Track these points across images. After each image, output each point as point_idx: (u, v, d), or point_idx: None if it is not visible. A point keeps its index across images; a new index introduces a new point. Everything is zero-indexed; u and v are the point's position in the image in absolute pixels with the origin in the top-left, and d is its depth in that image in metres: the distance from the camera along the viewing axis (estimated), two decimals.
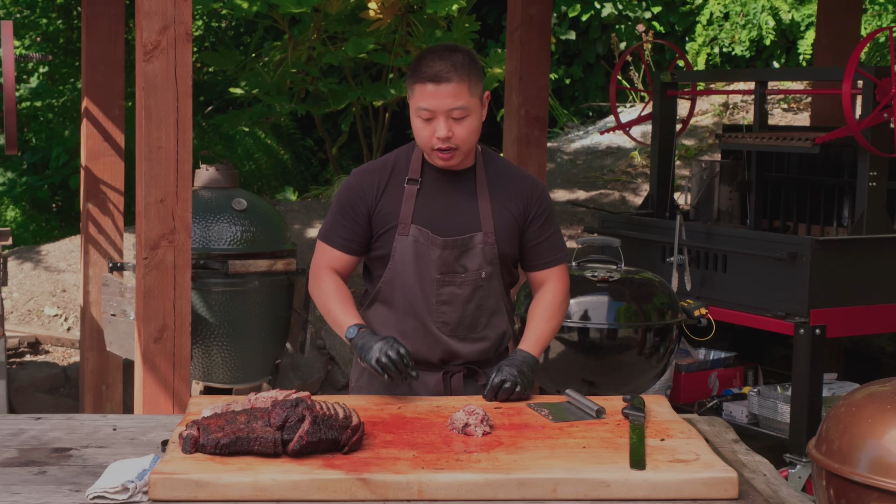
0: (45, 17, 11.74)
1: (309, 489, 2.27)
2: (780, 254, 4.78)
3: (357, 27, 9.10)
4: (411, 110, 2.97)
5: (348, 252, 3.05)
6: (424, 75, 2.91)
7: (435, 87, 2.89)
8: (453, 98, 2.89)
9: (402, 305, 3.02)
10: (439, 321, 3.01)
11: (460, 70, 2.90)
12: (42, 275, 7.49)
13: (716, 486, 2.33)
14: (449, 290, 3.00)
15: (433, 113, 2.91)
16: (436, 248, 2.97)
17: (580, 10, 10.91)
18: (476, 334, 3.04)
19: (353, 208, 3.03)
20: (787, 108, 9.88)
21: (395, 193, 3.01)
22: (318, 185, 10.33)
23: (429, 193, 3.01)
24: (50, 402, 6.33)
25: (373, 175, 3.05)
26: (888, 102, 4.74)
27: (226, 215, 5.28)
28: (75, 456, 2.56)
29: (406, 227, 2.98)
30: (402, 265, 3.00)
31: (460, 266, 2.99)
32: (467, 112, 2.92)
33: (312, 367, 6.77)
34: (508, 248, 3.04)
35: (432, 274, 2.98)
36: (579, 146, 10.06)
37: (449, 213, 3.00)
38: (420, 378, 3.02)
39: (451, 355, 3.05)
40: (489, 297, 3.04)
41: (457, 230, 2.99)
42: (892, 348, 6.13)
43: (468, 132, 2.93)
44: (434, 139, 2.92)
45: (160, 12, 3.83)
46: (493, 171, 3.07)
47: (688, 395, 5.34)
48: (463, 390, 3.05)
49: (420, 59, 2.95)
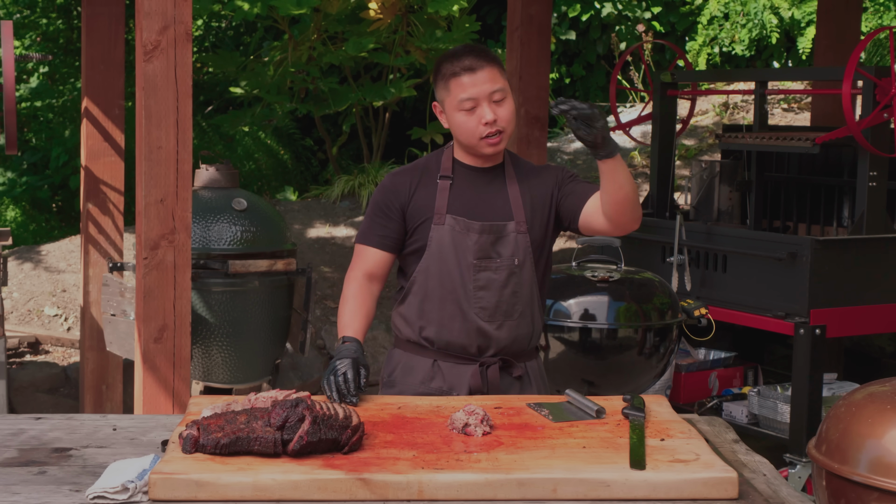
0: (45, 17, 11.74)
1: (309, 489, 2.27)
2: (780, 254, 4.78)
3: (357, 27, 9.10)
4: (450, 109, 3.04)
5: (385, 249, 3.10)
6: (458, 69, 3.01)
7: (471, 75, 2.99)
8: (491, 82, 3.00)
9: (438, 293, 3.06)
10: (477, 306, 3.05)
11: (487, 57, 3.03)
12: (42, 275, 7.49)
13: (716, 486, 2.33)
14: (486, 276, 3.04)
15: (476, 101, 3.00)
16: (473, 234, 3.03)
17: (580, 10, 10.91)
18: (511, 321, 3.08)
19: (387, 206, 3.09)
20: (788, 108, 9.88)
21: (428, 189, 3.08)
22: (318, 185, 10.32)
23: (461, 187, 3.09)
24: (50, 402, 6.34)
25: (405, 175, 3.13)
26: (888, 102, 4.74)
27: (226, 215, 5.28)
28: (75, 456, 2.56)
29: (442, 217, 3.05)
30: (440, 252, 3.05)
31: (495, 252, 3.05)
32: (505, 94, 3.03)
33: (312, 367, 6.77)
34: (540, 236, 3.10)
35: (469, 259, 3.04)
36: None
37: (481, 204, 3.07)
38: (456, 371, 3.07)
39: (487, 342, 3.07)
40: (523, 285, 3.08)
41: (490, 219, 3.06)
42: (892, 348, 6.13)
43: (509, 114, 3.04)
44: (481, 127, 3.00)
45: (160, 12, 3.83)
46: (518, 167, 3.16)
47: (688, 395, 5.34)
48: (499, 382, 3.08)
49: (442, 63, 3.05)
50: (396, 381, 3.14)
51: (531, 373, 3.16)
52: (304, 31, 9.43)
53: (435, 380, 3.08)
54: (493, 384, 3.07)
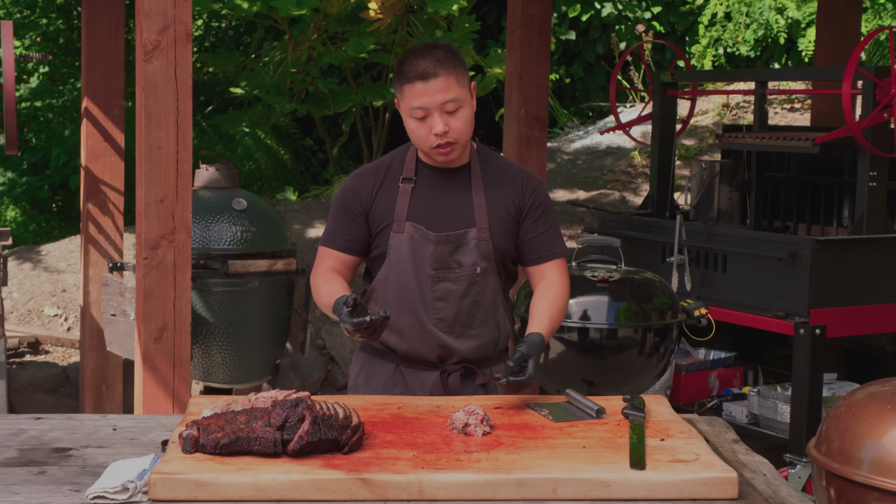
0: (45, 17, 11.74)
1: (309, 489, 2.27)
2: (780, 254, 4.78)
3: (357, 27, 9.09)
4: (403, 113, 2.97)
5: (348, 252, 3.06)
6: (411, 75, 2.92)
7: (424, 84, 2.90)
8: (444, 91, 2.90)
9: (397, 303, 3.02)
10: (435, 318, 3.01)
11: (445, 64, 2.92)
12: (42, 275, 7.49)
13: (716, 486, 2.33)
14: (444, 286, 3.00)
15: (427, 110, 2.92)
16: (430, 244, 2.98)
17: (580, 10, 10.91)
18: (472, 331, 3.04)
19: (349, 209, 3.04)
20: (788, 108, 9.88)
21: (390, 193, 3.03)
22: (318, 185, 10.33)
23: (423, 191, 3.03)
24: (50, 402, 6.34)
25: (367, 176, 3.07)
26: (888, 102, 4.74)
27: (226, 215, 5.28)
28: (75, 456, 2.56)
29: (401, 225, 3.00)
30: (398, 262, 3.00)
31: (454, 262, 3.00)
32: (460, 104, 2.93)
33: (312, 367, 6.77)
34: (504, 243, 3.03)
35: (427, 270, 2.99)
36: (579, 146, 10.06)
37: (443, 210, 3.01)
38: (417, 377, 3.04)
39: (447, 352, 3.04)
40: (485, 294, 3.03)
41: (451, 226, 3.00)
42: (892, 348, 6.13)
43: (463, 124, 2.94)
44: (431, 137, 2.93)
45: (160, 12, 3.83)
46: (488, 168, 3.07)
47: (688, 395, 5.34)
48: (461, 390, 3.05)
49: (402, 62, 2.96)
50: (360, 386, 3.12)
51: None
52: (304, 31, 9.43)
53: (397, 386, 3.04)
54: (454, 392, 3.03)
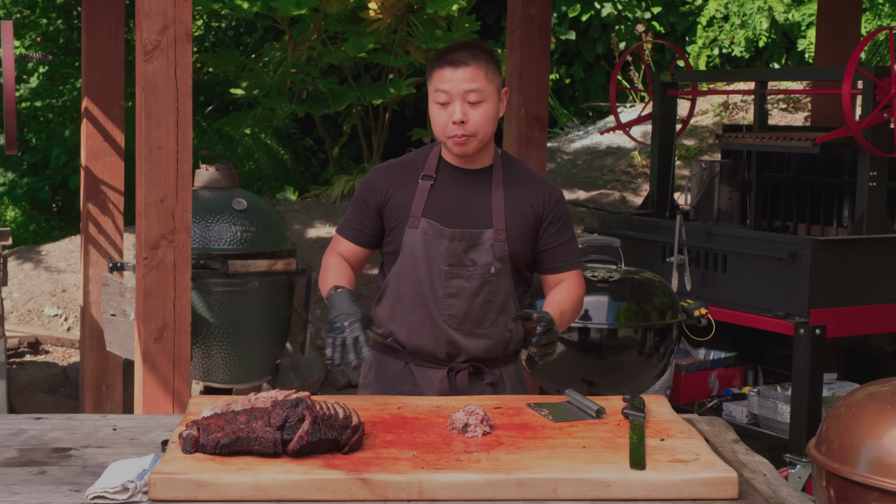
0: (45, 17, 11.74)
1: (309, 489, 2.27)
2: (780, 254, 4.78)
3: (357, 27, 9.10)
4: (430, 97, 3.02)
5: (357, 243, 3.10)
6: (443, 60, 2.98)
7: (452, 70, 2.95)
8: (469, 80, 2.94)
9: (409, 298, 3.04)
10: (446, 314, 3.02)
11: (479, 57, 2.97)
12: (42, 275, 7.49)
13: (716, 486, 2.33)
14: (456, 283, 3.01)
15: (449, 95, 2.95)
16: (443, 240, 2.99)
17: (580, 10, 10.91)
18: (482, 330, 3.05)
19: (364, 201, 3.09)
20: (787, 108, 9.88)
21: (408, 189, 3.05)
22: (318, 185, 10.32)
23: (442, 189, 3.05)
24: (50, 402, 6.33)
25: (388, 171, 3.11)
26: (888, 102, 4.75)
27: (226, 215, 5.27)
28: (75, 456, 2.56)
29: (416, 220, 3.02)
30: (412, 257, 3.02)
31: (469, 260, 3.01)
32: (483, 97, 2.96)
33: (312, 367, 6.77)
34: (520, 247, 3.04)
35: (440, 266, 3.00)
36: (579, 146, 10.06)
37: (460, 209, 3.03)
38: (426, 375, 3.05)
39: (456, 350, 3.05)
40: (498, 294, 3.04)
41: (467, 224, 3.02)
42: (892, 348, 6.13)
43: (483, 118, 2.97)
44: (450, 124, 2.96)
45: (160, 12, 3.83)
46: (510, 173, 3.09)
47: (688, 395, 5.34)
48: (468, 389, 3.06)
49: (442, 50, 3.03)
50: (371, 383, 3.14)
51: (507, 378, 3.12)
52: (303, 32, 9.43)
53: (406, 383, 3.06)
54: (461, 390, 3.04)
